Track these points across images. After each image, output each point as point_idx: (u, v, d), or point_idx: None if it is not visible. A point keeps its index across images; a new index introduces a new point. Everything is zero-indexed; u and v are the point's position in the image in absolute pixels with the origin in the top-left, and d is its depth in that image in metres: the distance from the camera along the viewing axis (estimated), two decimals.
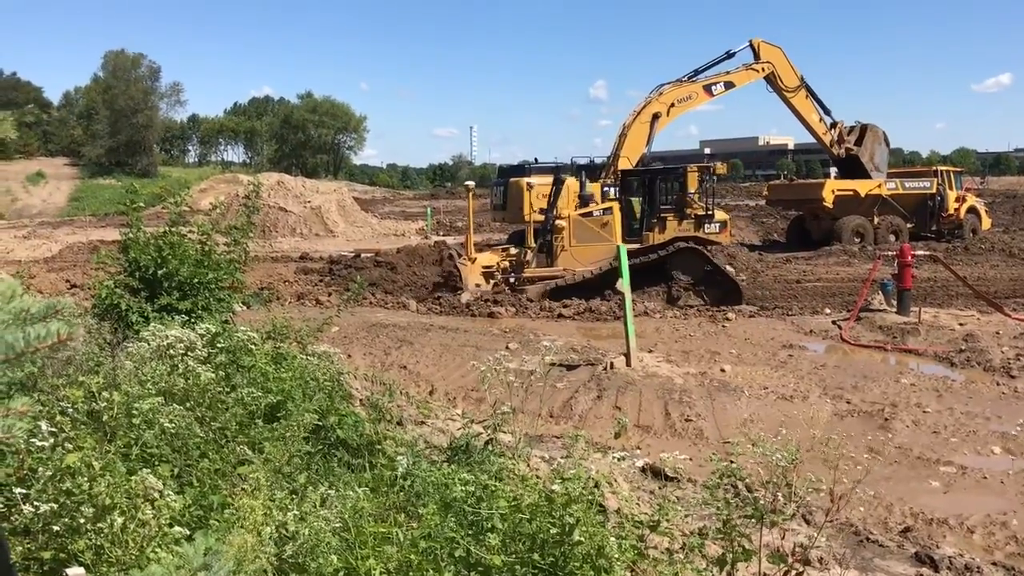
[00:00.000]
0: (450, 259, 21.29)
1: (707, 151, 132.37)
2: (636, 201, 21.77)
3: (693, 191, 21.14)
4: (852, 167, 30.43)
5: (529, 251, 20.93)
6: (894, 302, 16.88)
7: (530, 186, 20.65)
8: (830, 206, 30.03)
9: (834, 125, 29.64)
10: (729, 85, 25.75)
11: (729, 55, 26.05)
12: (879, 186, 30.61)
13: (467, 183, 24.37)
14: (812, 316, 17.41)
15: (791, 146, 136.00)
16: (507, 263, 21.33)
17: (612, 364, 12.27)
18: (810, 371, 12.62)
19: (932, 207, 31.39)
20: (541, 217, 20.66)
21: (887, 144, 31.00)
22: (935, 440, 9.39)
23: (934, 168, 34.22)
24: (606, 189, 21.93)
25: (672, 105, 24.39)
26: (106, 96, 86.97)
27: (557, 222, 20.68)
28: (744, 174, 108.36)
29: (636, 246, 20.17)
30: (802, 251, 29.50)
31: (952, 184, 31.84)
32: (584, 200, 21.10)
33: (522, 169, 22.53)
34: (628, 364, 12.23)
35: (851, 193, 30.25)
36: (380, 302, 19.76)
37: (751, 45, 26.67)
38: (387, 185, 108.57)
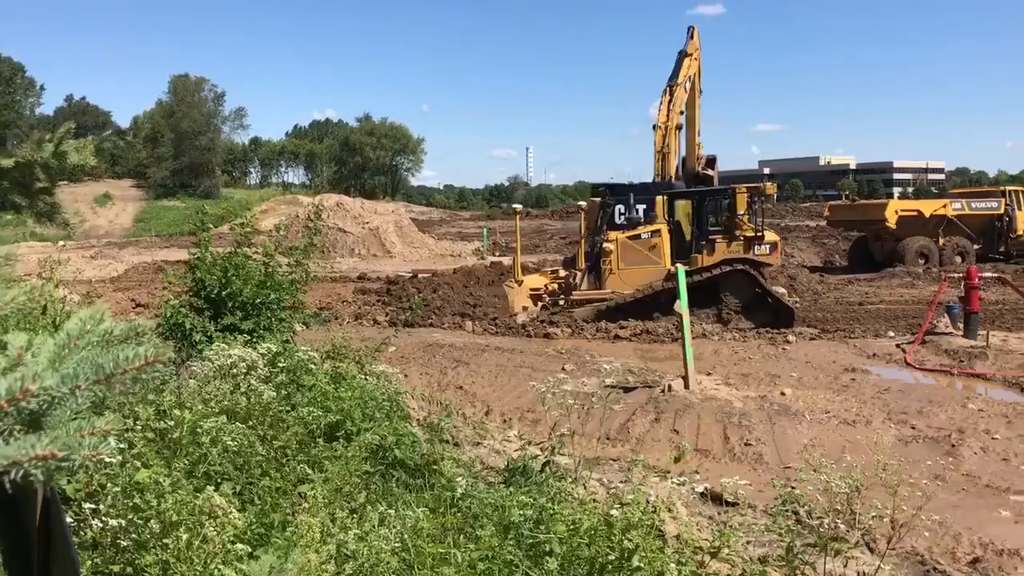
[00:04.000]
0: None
1: (767, 171, 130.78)
2: (686, 222, 21.60)
3: (742, 212, 20.87)
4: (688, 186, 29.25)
5: (579, 273, 20.94)
6: (961, 325, 16.48)
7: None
8: (893, 227, 29.47)
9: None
10: (688, 80, 25.16)
11: (683, 54, 25.33)
12: (944, 206, 29.97)
13: (515, 206, 24.65)
14: (875, 339, 17.05)
15: (853, 165, 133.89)
16: (555, 285, 21.39)
17: (670, 386, 12.15)
18: (873, 395, 12.33)
19: (1000, 228, 30.57)
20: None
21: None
22: (1005, 468, 9.09)
23: (1002, 188, 33.35)
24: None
25: (682, 112, 24.18)
26: (170, 119, 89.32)
27: (605, 245, 20.59)
28: (804, 194, 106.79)
29: (685, 268, 20.13)
30: (864, 273, 28.98)
31: (1021, 204, 30.99)
32: (632, 223, 21.05)
33: (669, 185, 22.38)
34: (686, 387, 12.10)
35: (915, 213, 29.67)
36: (437, 322, 19.92)
37: (690, 32, 25.77)
38: (444, 206, 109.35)
